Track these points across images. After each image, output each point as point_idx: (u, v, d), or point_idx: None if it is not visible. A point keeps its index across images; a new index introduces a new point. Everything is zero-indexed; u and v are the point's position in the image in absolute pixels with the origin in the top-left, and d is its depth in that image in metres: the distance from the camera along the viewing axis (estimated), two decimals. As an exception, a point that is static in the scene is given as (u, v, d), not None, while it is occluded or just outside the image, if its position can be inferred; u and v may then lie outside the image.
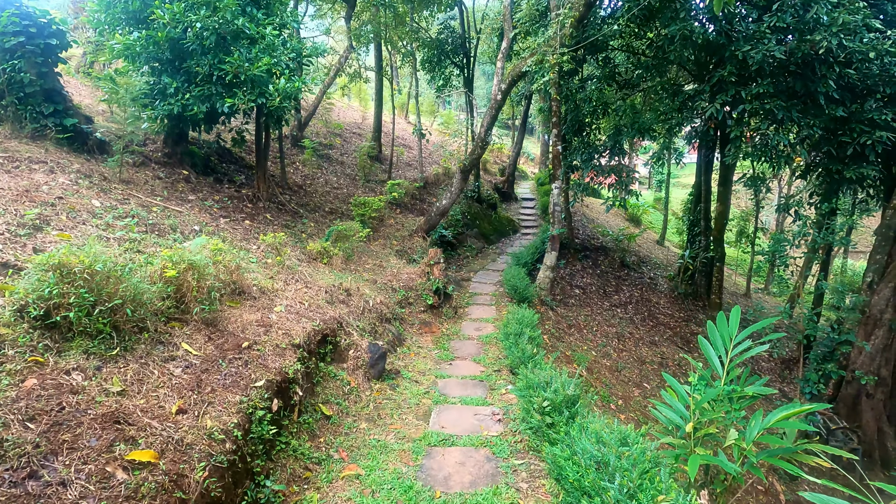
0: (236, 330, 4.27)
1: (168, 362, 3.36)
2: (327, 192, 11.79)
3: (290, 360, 4.36)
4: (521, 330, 6.54)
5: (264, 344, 4.31)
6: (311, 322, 5.38)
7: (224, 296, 4.65)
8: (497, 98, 9.13)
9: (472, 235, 14.00)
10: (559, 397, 3.88)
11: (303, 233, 8.90)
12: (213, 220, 7.38)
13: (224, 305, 4.58)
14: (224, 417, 3.15)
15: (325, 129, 14.74)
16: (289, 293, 5.91)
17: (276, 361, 4.17)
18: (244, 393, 3.52)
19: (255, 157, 9.01)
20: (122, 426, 2.54)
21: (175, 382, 3.19)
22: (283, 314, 5.18)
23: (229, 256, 4.75)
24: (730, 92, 8.64)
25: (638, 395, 9.55)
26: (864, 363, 9.69)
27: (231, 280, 4.76)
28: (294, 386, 4.27)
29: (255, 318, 4.67)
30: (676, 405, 4.57)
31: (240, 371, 3.74)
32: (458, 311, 9.30)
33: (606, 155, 11.07)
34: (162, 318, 3.73)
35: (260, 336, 4.40)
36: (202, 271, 4.04)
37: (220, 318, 4.29)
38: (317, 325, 5.42)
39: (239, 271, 4.88)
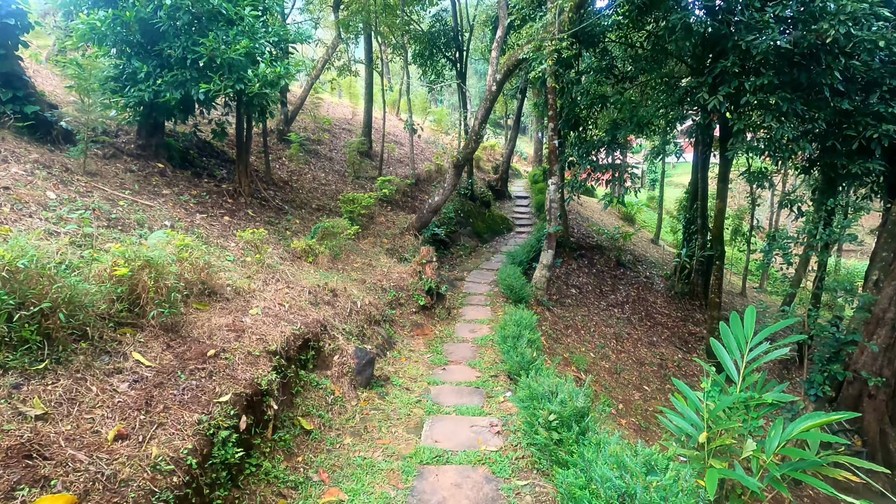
0: (202, 336, 3.74)
1: (112, 376, 2.84)
2: (315, 188, 11.25)
3: (264, 370, 3.84)
4: (519, 332, 6.08)
5: (234, 351, 3.79)
6: (292, 326, 4.86)
7: (190, 297, 4.12)
8: (491, 89, 8.67)
9: (465, 234, 13.54)
10: (567, 410, 3.42)
11: (287, 230, 8.36)
12: (189, 215, 6.82)
13: (190, 308, 4.05)
14: (176, 442, 2.63)
15: (314, 125, 14.17)
16: (268, 294, 5.38)
17: (247, 371, 3.65)
18: (205, 410, 3.00)
19: (236, 150, 8.45)
20: (35, 461, 2.02)
21: (118, 401, 2.67)
22: (260, 317, 4.66)
23: (197, 253, 4.22)
24: (732, 84, 8.27)
25: (638, 398, 9.15)
26: (867, 363, 9.38)
27: (199, 279, 4.23)
28: (268, 399, 3.75)
29: (226, 321, 4.15)
30: (688, 413, 4.15)
31: (202, 384, 3.22)
32: (451, 311, 8.82)
33: (604, 151, 10.67)
34: (110, 323, 3.20)
35: (230, 342, 3.88)
36: (161, 269, 3.51)
37: (184, 322, 3.76)
38: (298, 328, 4.91)
39: (209, 270, 4.35)
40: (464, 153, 9.64)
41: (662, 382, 9.99)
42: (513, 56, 8.02)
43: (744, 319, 4.22)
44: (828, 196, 9.13)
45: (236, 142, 8.35)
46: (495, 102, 9.15)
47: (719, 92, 8.40)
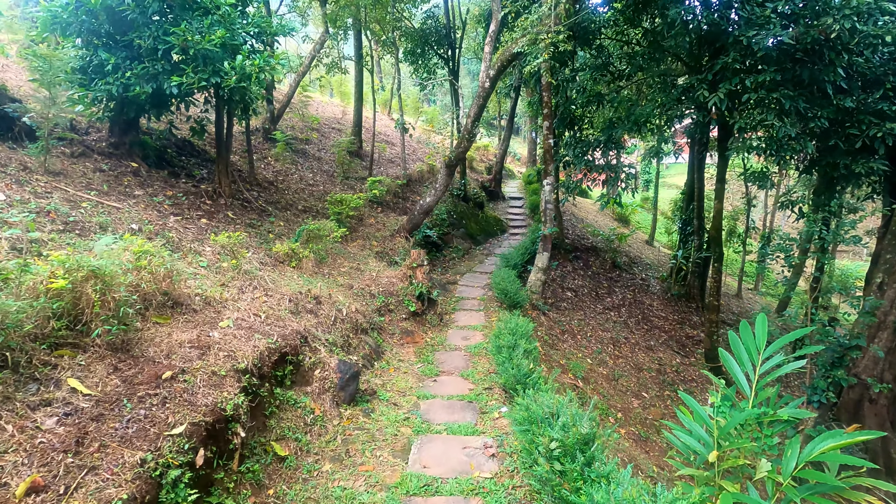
0: (158, 355, 3.29)
1: (37, 409, 2.39)
2: (301, 188, 10.78)
3: (230, 391, 3.40)
4: (514, 342, 5.68)
5: (196, 372, 3.34)
6: (267, 339, 4.42)
7: (149, 310, 3.67)
8: (485, 86, 8.28)
9: (458, 236, 13.13)
10: (571, 437, 3.02)
11: (270, 233, 7.90)
12: (161, 217, 6.33)
13: (148, 322, 3.59)
14: (109, 490, 2.19)
15: (302, 124, 13.70)
16: (242, 303, 4.93)
17: (209, 395, 3.21)
18: (152, 446, 2.56)
19: (216, 148, 7.97)
20: None
21: (40, 442, 2.22)
22: (231, 330, 4.21)
23: (158, 260, 3.76)
24: (733, 80, 7.96)
25: (637, 405, 8.80)
26: (868, 367, 9.11)
27: (160, 289, 3.77)
28: (234, 425, 3.31)
29: (190, 336, 3.69)
30: (695, 429, 3.76)
31: (152, 414, 2.77)
32: (443, 318, 8.41)
33: (600, 151, 10.32)
34: (44, 345, 2.74)
35: (192, 361, 3.43)
36: (110, 280, 3.05)
37: (138, 339, 3.31)
38: (274, 341, 4.46)
39: (171, 278, 3.89)
40: (456, 152, 9.24)
41: (661, 389, 9.65)
42: (507, 51, 7.64)
43: (754, 327, 3.87)
44: (829, 196, 8.84)
45: (216, 139, 7.87)
46: (488, 100, 8.75)
47: (720, 89, 8.08)
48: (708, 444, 3.68)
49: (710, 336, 10.87)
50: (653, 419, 8.73)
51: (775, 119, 7.83)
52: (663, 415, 8.93)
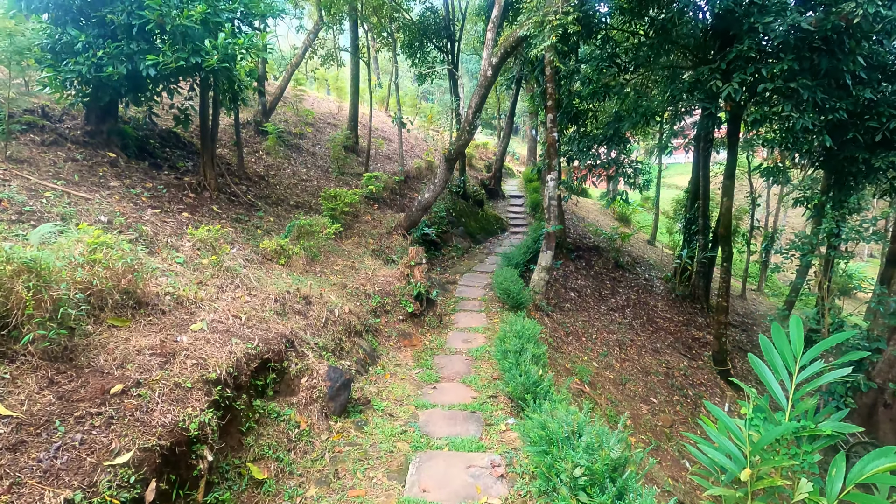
0: (109, 364, 2.75)
1: (-71, 439, 1.84)
2: (294, 183, 10.24)
3: (196, 407, 2.87)
4: (521, 346, 5.17)
5: (155, 384, 2.80)
6: (247, 343, 3.88)
7: (104, 311, 3.13)
8: (487, 74, 7.78)
9: (457, 234, 12.62)
10: (599, 463, 2.50)
11: (258, 228, 7.36)
12: (137, 210, 5.79)
13: (102, 326, 3.06)
14: (14, 548, 1.65)
15: (296, 118, 13.15)
16: (221, 303, 4.39)
17: (168, 412, 2.68)
18: (85, 481, 2.02)
19: (200, 138, 7.43)
20: None
21: (-77, 483, 1.68)
22: (204, 334, 3.67)
23: (116, 254, 3.23)
24: (748, 70, 7.49)
25: (646, 411, 8.31)
26: (882, 370, 8.68)
27: (118, 287, 3.23)
28: (200, 447, 2.78)
29: (152, 342, 3.16)
30: (724, 443, 3.28)
31: (91, 438, 2.24)
32: (442, 319, 7.88)
33: (605, 146, 9.84)
34: (-45, 353, 2.20)
35: (151, 371, 2.90)
36: (48, 275, 2.52)
37: (86, 346, 2.77)
38: (254, 346, 3.93)
39: (133, 275, 3.36)
40: (456, 145, 8.73)
41: (670, 393, 9.17)
42: (511, 35, 7.15)
43: (789, 332, 3.38)
44: (846, 193, 8.40)
45: (200, 128, 7.33)
46: (490, 90, 8.26)
47: (733, 79, 7.61)
48: (738, 460, 3.19)
49: (719, 338, 10.40)
50: (662, 426, 8.24)
51: (793, 110, 7.36)
52: (673, 421, 8.45)
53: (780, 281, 19.51)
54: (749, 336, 13.66)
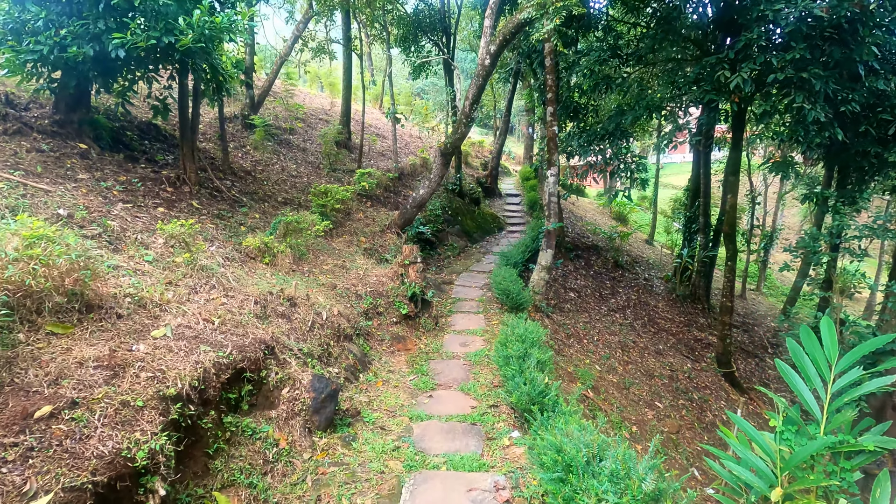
0: (39, 381, 2.27)
1: None
2: (283, 180, 9.73)
3: (145, 430, 2.39)
4: (524, 351, 4.73)
5: (95, 403, 2.33)
6: (218, 351, 3.41)
7: (42, 315, 2.64)
8: (485, 63, 7.34)
9: (453, 233, 12.17)
10: (629, 497, 2.06)
11: (242, 225, 6.86)
12: (106, 204, 5.28)
13: (37, 334, 2.57)
14: None
15: (286, 113, 12.65)
16: (192, 306, 3.91)
17: (109, 438, 2.20)
18: (-19, 539, 1.54)
19: (179, 129, 6.92)
20: None
21: None
22: (167, 341, 3.19)
23: (59, 249, 2.74)
24: (758, 59, 7.12)
25: (652, 417, 7.90)
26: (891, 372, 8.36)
27: (62, 288, 2.75)
28: (150, 479, 2.30)
29: (99, 352, 2.68)
30: (751, 459, 2.86)
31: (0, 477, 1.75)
32: (438, 321, 7.43)
33: (608, 141, 9.43)
34: None
35: (94, 388, 2.42)
36: (-42, 273, 2.03)
37: (10, 359, 2.28)
38: (227, 354, 3.45)
39: (81, 274, 2.87)
40: (453, 139, 8.28)
41: (675, 397, 8.77)
42: (510, 21, 6.72)
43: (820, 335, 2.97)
44: (856, 188, 8.06)
45: (179, 118, 6.82)
46: (489, 79, 7.82)
47: (742, 69, 7.24)
48: (766, 478, 2.77)
49: (723, 339, 10.03)
50: (669, 431, 7.84)
51: (804, 101, 7.00)
52: (679, 426, 8.05)
53: (779, 281, 19.28)
54: (751, 336, 13.34)
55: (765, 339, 13.39)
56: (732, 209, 9.80)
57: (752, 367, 11.89)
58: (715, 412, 8.97)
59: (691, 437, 8.06)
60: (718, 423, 8.86)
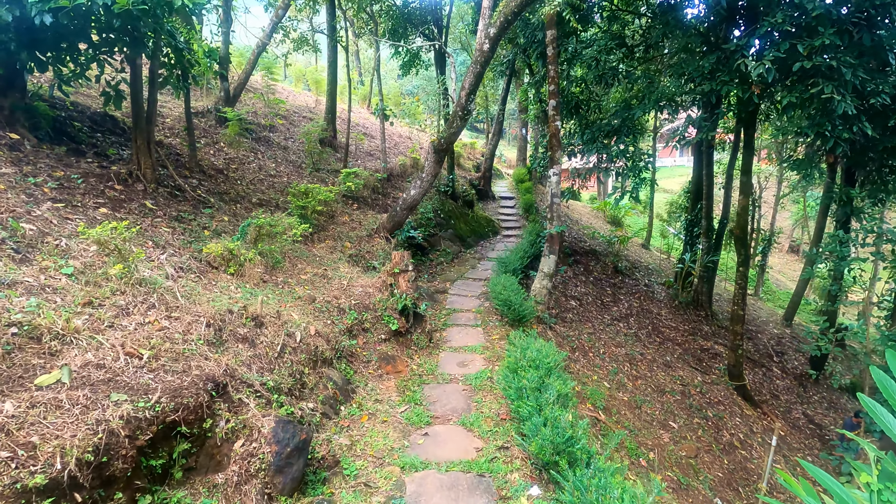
0: None
1: None
2: (260, 179, 8.74)
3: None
4: (540, 380, 3.84)
5: None
6: (138, 400, 2.45)
7: None
8: (483, 48, 6.50)
9: (445, 237, 11.28)
10: None
11: (205, 229, 5.87)
12: (28, 203, 4.26)
13: None
14: None
15: (266, 109, 11.65)
16: (113, 335, 2.93)
17: None
18: None
19: (132, 118, 5.90)
20: None
21: None
22: (58, 391, 2.23)
23: None
24: (783, 46, 6.42)
25: (668, 440, 7.07)
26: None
27: None
28: None
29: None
30: None
31: None
32: (433, 336, 6.52)
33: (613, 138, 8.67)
34: None
35: None
36: None
37: None
38: (151, 403, 2.49)
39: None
40: (447, 134, 7.41)
41: (689, 416, 7.97)
42: (512, 1, 5.90)
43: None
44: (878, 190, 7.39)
45: (131, 103, 5.81)
46: (487, 67, 6.98)
47: (765, 57, 6.52)
48: None
49: (735, 350, 9.30)
50: (687, 456, 7.02)
51: (833, 92, 6.30)
52: (697, 450, 7.24)
53: (775, 285, 18.82)
54: (755, 344, 12.68)
55: (769, 347, 12.75)
56: (744, 211, 9.11)
57: (760, 377, 11.21)
58: (731, 431, 8.20)
59: (710, 461, 7.27)
60: (736, 443, 8.12)
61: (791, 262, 23.65)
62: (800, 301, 14.08)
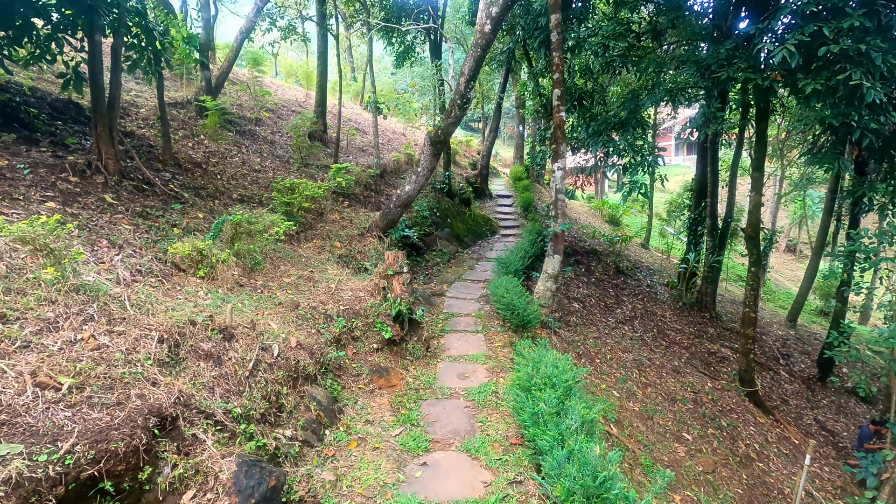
0: None
1: None
2: (243, 174, 8.04)
3: None
4: (559, 402, 3.23)
5: None
6: (41, 450, 1.79)
7: None
8: (484, 30, 5.89)
9: (442, 237, 10.66)
10: None
11: (175, 226, 5.18)
12: (-49, 195, 3.56)
13: None
14: None
15: (252, 102, 10.93)
16: (25, 358, 2.27)
17: None
18: None
19: (91, 102, 5.18)
20: None
21: None
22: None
23: None
24: (807, 29, 5.88)
25: (683, 454, 6.50)
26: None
27: None
28: None
29: None
30: None
31: None
32: (430, 344, 5.89)
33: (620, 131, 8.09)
34: None
35: None
36: None
37: None
38: (59, 455, 1.84)
39: None
40: (444, 124, 6.79)
41: (703, 426, 7.42)
42: (518, -26, 5.30)
43: None
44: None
45: (90, 88, 5.11)
46: (488, 51, 6.37)
47: (788, 40, 5.98)
48: None
49: (746, 355, 8.77)
50: (704, 471, 6.45)
51: (862, 77, 5.77)
52: (714, 464, 6.68)
53: (774, 285, 18.44)
54: (760, 346, 12.18)
55: (775, 350, 12.27)
56: (756, 209, 8.59)
57: (768, 381, 10.71)
58: (746, 441, 7.66)
59: (728, 476, 6.70)
60: (752, 454, 7.59)
61: (788, 261, 23.34)
62: (804, 302, 13.65)
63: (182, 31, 7.55)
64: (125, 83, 9.28)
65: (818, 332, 14.64)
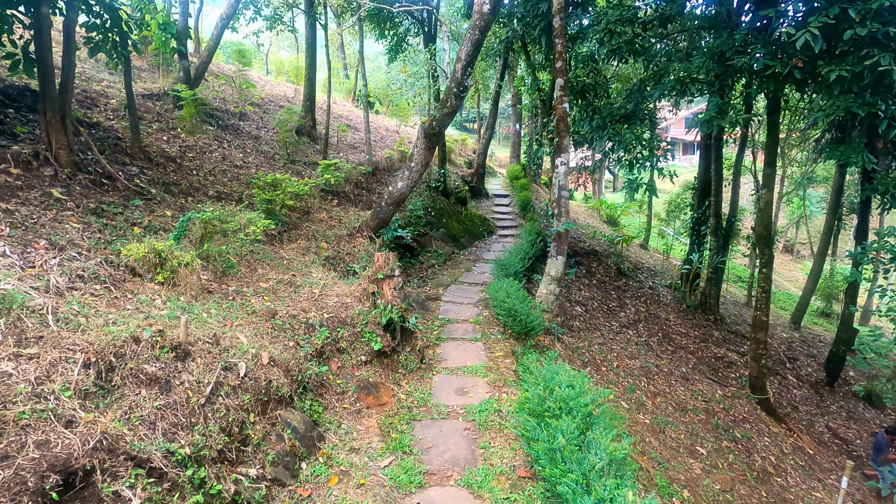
0: None
1: None
2: (222, 170, 7.40)
3: None
4: (581, 433, 2.65)
5: None
6: None
7: None
8: (483, 10, 5.33)
9: (437, 237, 10.08)
10: None
11: (136, 225, 4.55)
12: None
13: None
14: None
15: (236, 95, 10.29)
16: None
17: None
18: None
19: (38, 83, 4.54)
20: None
21: None
22: None
23: None
24: (832, 11, 5.39)
25: (699, 470, 5.96)
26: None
27: None
28: None
29: None
30: None
31: None
32: (424, 355, 5.29)
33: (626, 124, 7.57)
34: None
35: None
36: None
37: None
38: None
39: None
40: (440, 115, 6.21)
41: (717, 438, 6.88)
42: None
43: None
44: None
45: (38, 69, 4.47)
46: (487, 34, 5.81)
47: (811, 23, 5.48)
48: None
49: (758, 360, 8.27)
50: (722, 489, 5.91)
51: (891, 63, 5.28)
52: (732, 480, 6.14)
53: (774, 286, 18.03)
54: (766, 350, 11.72)
55: (781, 353, 11.81)
56: (768, 206, 8.08)
57: (777, 386, 10.22)
58: (762, 453, 7.14)
59: (747, 493, 6.16)
60: (770, 468, 7.08)
61: (786, 262, 23.03)
62: (807, 303, 13.24)
63: (158, 16, 6.93)
64: (97, 73, 8.62)
65: (822, 335, 14.24)
